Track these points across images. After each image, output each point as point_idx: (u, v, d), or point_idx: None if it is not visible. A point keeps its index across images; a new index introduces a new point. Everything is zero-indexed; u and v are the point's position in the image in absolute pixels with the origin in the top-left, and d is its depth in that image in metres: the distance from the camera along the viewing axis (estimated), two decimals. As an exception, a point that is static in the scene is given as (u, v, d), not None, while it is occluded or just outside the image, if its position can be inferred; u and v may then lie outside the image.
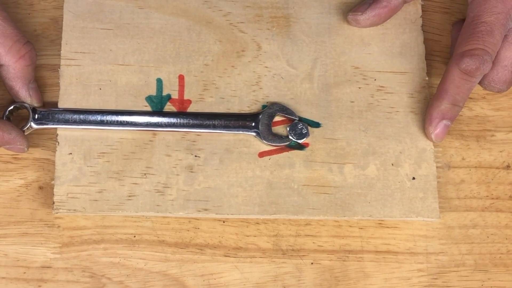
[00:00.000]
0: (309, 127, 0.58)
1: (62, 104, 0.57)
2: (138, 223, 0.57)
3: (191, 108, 0.58)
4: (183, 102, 0.59)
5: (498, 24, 0.56)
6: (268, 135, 0.58)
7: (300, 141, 0.58)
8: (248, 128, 0.58)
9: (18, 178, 0.57)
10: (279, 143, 0.58)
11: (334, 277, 0.57)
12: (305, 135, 0.58)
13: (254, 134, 0.58)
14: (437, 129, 0.58)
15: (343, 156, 0.58)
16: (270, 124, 0.58)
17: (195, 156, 0.57)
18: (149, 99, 0.58)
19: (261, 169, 0.57)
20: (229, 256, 0.57)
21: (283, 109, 0.58)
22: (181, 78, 0.59)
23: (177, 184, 0.56)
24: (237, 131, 0.58)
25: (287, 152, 0.58)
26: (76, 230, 0.56)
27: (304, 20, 0.61)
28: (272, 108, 0.58)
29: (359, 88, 0.60)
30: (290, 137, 0.58)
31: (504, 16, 0.56)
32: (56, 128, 0.57)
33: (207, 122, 0.57)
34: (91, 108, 0.57)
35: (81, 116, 0.56)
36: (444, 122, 0.58)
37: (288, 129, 0.58)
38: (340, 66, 0.61)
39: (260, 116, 0.58)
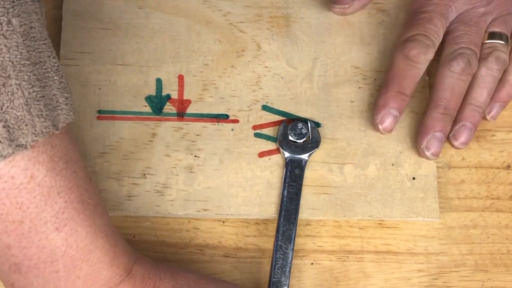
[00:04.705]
0: (313, 128, 0.58)
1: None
2: (137, 224, 0.57)
3: (191, 108, 0.58)
4: (182, 102, 0.58)
5: (437, 13, 0.58)
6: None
7: (300, 141, 0.58)
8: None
9: (17, 178, 0.57)
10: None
11: (334, 277, 0.57)
12: (305, 135, 0.58)
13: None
14: (384, 122, 0.57)
15: (343, 156, 0.58)
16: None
17: (195, 156, 0.57)
18: (148, 99, 0.58)
19: (261, 169, 0.57)
20: (229, 257, 0.57)
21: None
22: (180, 78, 0.59)
23: (177, 184, 0.56)
24: None
25: (287, 152, 0.58)
26: (75, 230, 0.56)
27: (304, 20, 0.61)
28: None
29: (359, 88, 0.60)
30: (290, 137, 0.58)
31: (443, 7, 0.58)
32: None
33: None
34: None
35: None
36: (391, 111, 0.57)
37: (288, 129, 0.58)
38: (340, 66, 0.60)
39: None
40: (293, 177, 0.57)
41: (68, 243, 0.43)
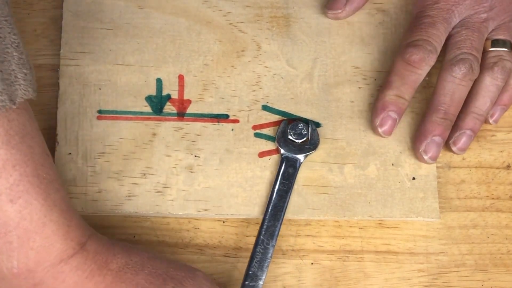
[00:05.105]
0: (314, 130, 0.58)
1: (61, 104, 0.57)
2: (137, 223, 0.57)
3: (191, 108, 0.58)
4: (183, 102, 0.58)
5: (440, 17, 0.58)
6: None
7: (298, 141, 0.58)
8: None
9: (18, 178, 0.57)
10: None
11: (334, 277, 0.57)
12: (304, 136, 0.58)
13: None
14: (384, 124, 0.57)
15: (343, 156, 0.58)
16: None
17: (195, 156, 0.57)
18: (148, 99, 0.58)
19: (261, 169, 0.57)
20: (229, 257, 0.57)
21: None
22: (181, 78, 0.59)
23: (177, 184, 0.56)
24: None
25: (287, 152, 0.58)
26: (75, 230, 0.56)
27: (304, 20, 0.61)
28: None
29: (359, 88, 0.60)
30: (289, 136, 0.58)
31: (446, 12, 0.58)
32: (55, 128, 0.57)
33: None
34: None
35: None
36: (391, 114, 0.57)
37: (288, 127, 0.58)
38: (340, 66, 0.60)
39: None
40: (286, 175, 0.57)
41: (22, 215, 0.44)
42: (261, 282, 0.54)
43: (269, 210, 0.56)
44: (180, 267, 0.52)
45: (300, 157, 0.57)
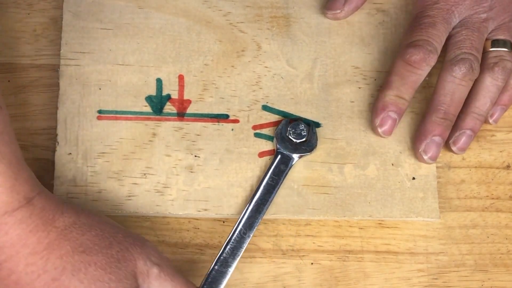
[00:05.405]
0: (314, 133, 0.58)
1: (61, 104, 0.57)
2: (137, 224, 0.57)
3: (191, 108, 0.58)
4: (183, 102, 0.59)
5: (440, 17, 0.58)
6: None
7: (298, 141, 0.58)
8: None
9: (18, 178, 0.57)
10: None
11: (334, 277, 0.57)
12: (303, 137, 0.58)
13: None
14: (384, 125, 0.57)
15: (343, 156, 0.58)
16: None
17: (195, 156, 0.57)
18: (148, 99, 0.58)
19: (261, 169, 0.57)
20: (229, 256, 0.57)
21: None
22: (181, 78, 0.59)
23: (177, 184, 0.56)
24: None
25: (287, 152, 0.58)
26: (75, 230, 0.56)
27: (304, 20, 0.61)
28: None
29: (359, 88, 0.60)
30: (288, 135, 0.58)
31: (446, 12, 0.58)
32: (56, 128, 0.57)
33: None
34: None
35: None
36: (391, 114, 0.57)
37: (289, 126, 0.58)
38: (340, 66, 0.60)
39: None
40: (277, 170, 0.57)
41: None
42: (230, 270, 0.54)
43: (253, 202, 0.56)
44: (130, 234, 0.52)
45: (295, 156, 0.57)
